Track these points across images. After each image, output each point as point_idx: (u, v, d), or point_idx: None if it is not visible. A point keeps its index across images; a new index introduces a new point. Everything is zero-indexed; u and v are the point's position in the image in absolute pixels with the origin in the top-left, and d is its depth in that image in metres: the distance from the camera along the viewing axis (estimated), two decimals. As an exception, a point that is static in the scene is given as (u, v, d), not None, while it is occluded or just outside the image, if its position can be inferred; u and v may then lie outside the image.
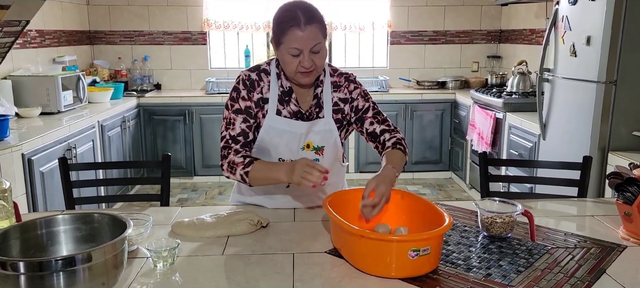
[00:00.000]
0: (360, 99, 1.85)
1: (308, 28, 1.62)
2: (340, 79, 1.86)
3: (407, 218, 1.60)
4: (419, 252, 1.29)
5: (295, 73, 1.69)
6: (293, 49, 1.64)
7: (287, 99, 1.79)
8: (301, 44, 1.63)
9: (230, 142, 1.74)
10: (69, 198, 2.17)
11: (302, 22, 1.61)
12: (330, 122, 1.81)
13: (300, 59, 1.65)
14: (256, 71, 1.80)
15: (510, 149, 4.02)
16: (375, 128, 1.83)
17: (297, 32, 1.61)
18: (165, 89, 5.59)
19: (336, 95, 1.84)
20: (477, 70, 5.77)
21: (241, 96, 1.77)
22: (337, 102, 1.84)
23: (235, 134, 1.74)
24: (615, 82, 2.87)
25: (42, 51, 4.42)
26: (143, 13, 5.46)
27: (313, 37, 1.63)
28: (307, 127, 1.78)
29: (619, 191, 1.57)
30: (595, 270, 1.36)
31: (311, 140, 1.80)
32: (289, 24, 1.62)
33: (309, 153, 1.81)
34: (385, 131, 1.82)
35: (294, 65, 1.66)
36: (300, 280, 1.31)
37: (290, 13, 1.64)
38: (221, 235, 1.59)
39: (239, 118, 1.75)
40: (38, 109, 3.73)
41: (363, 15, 5.52)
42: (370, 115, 1.84)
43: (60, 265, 1.09)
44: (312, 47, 1.64)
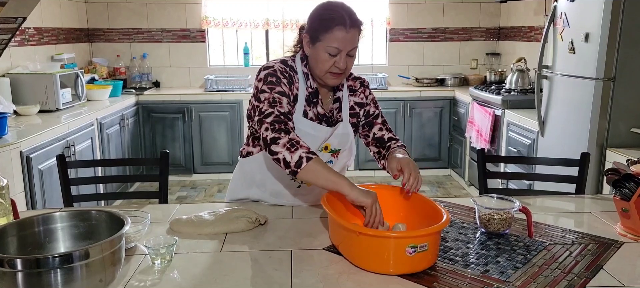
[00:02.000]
0: (372, 105, 1.90)
1: (352, 30, 1.63)
2: (356, 83, 1.88)
3: (405, 215, 1.60)
4: (417, 248, 1.29)
5: (326, 72, 1.67)
6: (333, 47, 1.62)
7: (315, 101, 1.77)
8: (342, 45, 1.62)
9: (283, 118, 1.57)
10: (67, 195, 2.17)
11: (348, 24, 1.62)
12: (347, 126, 1.82)
13: (336, 59, 1.64)
14: (288, 66, 1.72)
15: (508, 146, 4.02)
16: (384, 134, 1.86)
17: (341, 33, 1.61)
18: (164, 86, 5.58)
19: (353, 99, 1.86)
20: (476, 68, 5.76)
21: (282, 82, 1.66)
22: (353, 107, 1.85)
23: (286, 112, 1.59)
24: (613, 79, 2.87)
25: (40, 49, 4.41)
26: (141, 10, 5.45)
27: (353, 40, 1.65)
28: (330, 132, 1.78)
29: (616, 187, 1.58)
30: (592, 266, 1.37)
31: (330, 142, 1.80)
32: (335, 22, 1.61)
33: (325, 155, 1.80)
34: (392, 139, 1.86)
35: (328, 65, 1.65)
36: (299, 276, 1.31)
37: (336, 12, 1.63)
38: (219, 232, 1.60)
39: (284, 99, 1.62)
40: (36, 107, 3.72)
41: (362, 12, 5.46)
42: (379, 122, 1.88)
43: (57, 262, 1.08)
44: (350, 50, 1.65)
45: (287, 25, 5.44)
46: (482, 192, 2.27)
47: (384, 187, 1.69)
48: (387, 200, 1.60)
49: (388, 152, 1.82)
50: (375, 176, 5.31)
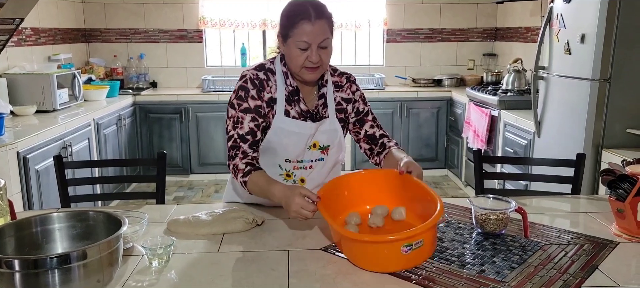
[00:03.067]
0: (361, 102, 1.90)
1: (318, 22, 1.63)
2: (342, 79, 1.88)
3: (403, 198, 1.63)
4: (412, 246, 1.31)
5: (301, 68, 1.68)
6: (302, 42, 1.64)
7: (296, 99, 1.78)
8: (310, 38, 1.63)
9: (239, 141, 1.70)
10: (64, 196, 2.17)
11: (313, 16, 1.63)
12: (335, 122, 1.83)
13: (308, 53, 1.65)
14: (263, 70, 1.78)
15: (505, 147, 4.03)
16: (375, 132, 1.88)
17: (307, 26, 1.62)
18: (161, 87, 5.58)
19: (339, 95, 1.86)
20: (472, 68, 5.78)
21: (250, 95, 1.73)
22: (340, 102, 1.86)
23: (244, 133, 1.71)
24: (609, 80, 2.88)
25: (37, 49, 4.40)
26: (139, 11, 5.44)
27: (322, 32, 1.64)
28: (315, 127, 1.79)
29: (611, 188, 1.59)
30: (588, 266, 1.38)
31: (318, 139, 1.81)
32: (299, 17, 1.63)
33: (315, 152, 1.82)
34: (384, 136, 1.89)
35: (301, 60, 1.66)
36: (296, 277, 1.32)
37: (301, 7, 1.65)
38: (216, 233, 1.60)
39: (247, 116, 1.72)
40: (33, 107, 3.72)
41: (359, 13, 5.52)
42: (370, 119, 1.90)
43: (55, 262, 1.09)
44: (321, 42, 1.65)
45: (284, 25, 5.44)
46: (479, 193, 2.28)
47: (381, 171, 1.74)
48: (383, 183, 1.65)
49: (383, 150, 1.84)
50: (372, 176, 5.31)
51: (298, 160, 1.81)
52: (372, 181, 1.70)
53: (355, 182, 1.68)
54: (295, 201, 1.47)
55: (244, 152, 1.69)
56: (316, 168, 1.83)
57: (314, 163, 1.83)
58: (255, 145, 1.73)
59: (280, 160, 1.80)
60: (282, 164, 1.81)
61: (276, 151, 1.79)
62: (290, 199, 1.48)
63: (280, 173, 1.82)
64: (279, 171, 1.82)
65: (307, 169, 1.83)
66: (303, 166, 1.82)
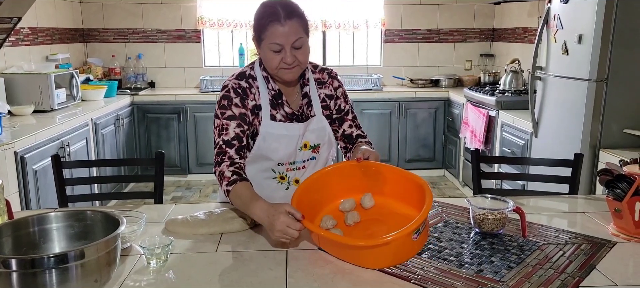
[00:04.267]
0: (342, 100, 1.89)
1: (288, 23, 1.60)
2: (323, 75, 1.87)
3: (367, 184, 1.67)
4: (420, 230, 1.36)
5: (278, 69, 1.66)
6: (274, 44, 1.62)
7: (280, 102, 1.77)
8: (282, 39, 1.61)
9: (225, 147, 1.67)
10: (61, 196, 2.17)
11: (282, 17, 1.60)
12: (322, 119, 1.82)
13: (282, 55, 1.63)
14: (244, 78, 1.76)
15: (502, 147, 4.04)
16: (353, 131, 1.89)
17: (278, 27, 1.60)
18: (159, 87, 5.57)
19: (322, 92, 1.85)
20: (470, 69, 5.79)
21: (234, 103, 1.71)
22: (324, 99, 1.85)
23: (230, 138, 1.68)
24: (606, 80, 2.89)
25: (35, 49, 4.40)
26: (137, 11, 5.44)
27: (294, 32, 1.61)
28: (303, 128, 1.78)
29: (609, 188, 1.59)
30: (585, 266, 1.38)
31: (308, 139, 1.80)
32: (269, 19, 1.61)
33: (306, 152, 1.81)
34: (360, 136, 1.89)
35: (276, 62, 1.64)
36: (294, 276, 1.32)
37: (270, 8, 1.62)
38: (214, 233, 1.60)
39: (232, 123, 1.69)
40: (31, 107, 3.71)
41: (357, 13, 5.52)
42: (350, 118, 1.90)
43: (52, 262, 1.08)
44: (294, 42, 1.62)
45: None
46: (476, 193, 2.28)
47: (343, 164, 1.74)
48: (347, 175, 1.68)
49: (353, 146, 1.87)
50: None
51: (290, 162, 1.80)
52: (335, 176, 1.70)
53: (322, 182, 1.66)
54: (281, 219, 1.39)
55: (230, 157, 1.66)
56: (309, 167, 1.84)
57: (306, 163, 1.83)
58: (242, 151, 1.70)
59: (273, 165, 1.80)
60: (275, 168, 1.81)
61: (267, 156, 1.77)
62: (275, 218, 1.40)
63: (274, 177, 1.82)
64: (272, 175, 1.82)
65: (300, 170, 1.83)
66: (296, 167, 1.82)
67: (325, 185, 1.67)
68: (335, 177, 1.69)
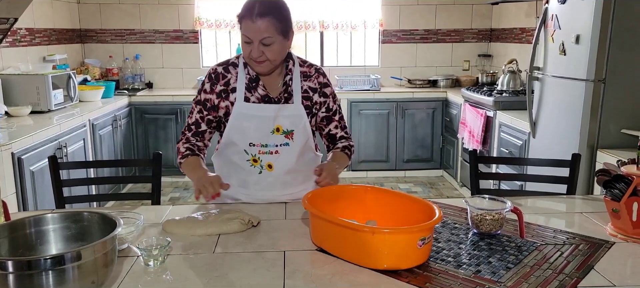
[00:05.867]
0: (331, 100, 1.97)
1: (259, 21, 1.71)
2: (310, 70, 1.95)
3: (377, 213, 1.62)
4: (425, 240, 1.34)
5: (249, 60, 1.80)
6: (245, 36, 1.75)
7: (254, 85, 1.86)
8: (251, 34, 1.73)
9: (185, 129, 1.92)
10: (59, 197, 2.16)
11: (255, 14, 1.71)
12: (299, 108, 1.88)
13: (251, 47, 1.75)
14: (224, 65, 1.91)
15: (500, 147, 4.04)
16: (337, 133, 1.99)
17: (249, 23, 1.72)
18: (156, 87, 5.57)
19: (306, 84, 1.92)
20: (468, 69, 5.79)
21: (204, 88, 1.89)
22: (307, 90, 1.91)
23: (191, 122, 1.91)
24: (604, 80, 2.89)
25: (32, 49, 4.39)
26: (134, 11, 5.43)
27: (263, 30, 1.72)
28: (276, 110, 1.85)
29: (607, 188, 1.59)
30: (583, 266, 1.38)
31: (281, 123, 1.86)
32: (244, 13, 1.74)
33: (278, 137, 1.86)
34: (343, 138, 2.00)
35: (246, 52, 1.78)
36: (292, 277, 1.32)
37: (250, 3, 1.75)
38: (212, 234, 1.60)
39: (196, 108, 1.91)
40: (28, 108, 3.70)
41: (355, 14, 5.53)
42: (337, 119, 1.99)
43: (49, 264, 1.08)
44: (262, 39, 1.73)
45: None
46: (474, 193, 2.28)
47: (351, 186, 1.71)
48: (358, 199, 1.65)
49: (332, 150, 1.97)
50: (368, 176, 5.32)
51: (262, 144, 1.86)
52: (344, 197, 1.67)
53: (330, 196, 1.64)
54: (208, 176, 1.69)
55: (187, 138, 1.91)
56: (283, 153, 1.88)
57: (279, 148, 1.87)
58: (199, 136, 1.92)
59: (245, 146, 1.87)
60: (248, 149, 1.87)
61: (239, 136, 1.86)
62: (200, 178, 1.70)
63: (247, 159, 1.89)
64: (245, 157, 1.89)
65: (273, 154, 1.87)
66: (268, 151, 1.87)
67: (330, 201, 1.63)
68: (342, 198, 1.66)
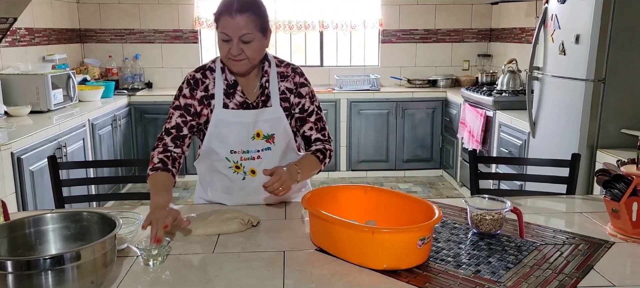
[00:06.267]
0: (307, 100, 1.89)
1: (238, 16, 1.66)
2: (287, 70, 1.88)
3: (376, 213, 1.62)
4: (425, 240, 1.33)
5: (227, 59, 1.73)
6: (223, 34, 1.69)
7: (232, 91, 1.82)
8: (230, 31, 1.67)
9: (163, 134, 1.83)
10: (58, 197, 2.16)
11: (234, 10, 1.66)
12: (278, 110, 1.83)
13: (230, 45, 1.69)
14: (201, 70, 1.86)
15: (500, 147, 4.04)
16: (312, 134, 1.91)
17: (228, 19, 1.67)
18: (156, 87, 5.56)
19: (283, 85, 1.86)
20: (467, 69, 5.79)
21: (182, 94, 1.83)
22: (284, 91, 1.86)
23: (170, 127, 1.82)
24: (603, 80, 2.89)
25: (31, 49, 4.38)
26: (134, 11, 5.43)
27: (243, 26, 1.67)
28: (255, 115, 1.81)
29: (606, 188, 1.59)
30: (583, 266, 1.38)
31: (260, 128, 1.82)
32: (222, 9, 1.69)
33: (259, 142, 1.82)
34: (319, 140, 1.91)
35: (225, 51, 1.71)
36: (291, 277, 1.32)
37: (227, 0, 1.69)
38: (212, 234, 1.59)
39: (176, 113, 1.83)
40: (27, 108, 3.70)
41: (354, 13, 5.52)
42: (312, 120, 1.90)
43: (48, 263, 1.08)
44: (241, 35, 1.67)
45: (279, 26, 5.44)
46: (474, 193, 2.28)
47: (350, 187, 1.71)
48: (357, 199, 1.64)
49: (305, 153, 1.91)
50: (367, 176, 5.32)
51: (244, 151, 1.83)
52: (342, 197, 1.67)
53: (328, 196, 1.64)
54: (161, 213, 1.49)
55: (165, 144, 1.81)
56: (265, 158, 1.84)
57: (261, 153, 1.84)
58: (179, 140, 1.82)
59: (226, 153, 1.83)
60: (229, 156, 1.84)
61: (219, 144, 1.82)
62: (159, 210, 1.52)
63: (229, 166, 1.85)
64: (227, 164, 1.85)
65: (255, 160, 1.84)
66: (250, 157, 1.84)
67: (330, 201, 1.62)
68: (341, 198, 1.66)
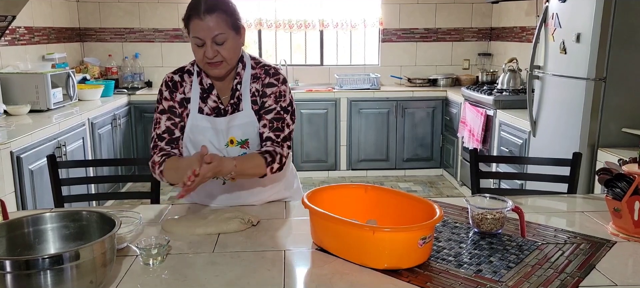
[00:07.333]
0: (271, 98, 1.78)
1: (208, 17, 1.61)
2: (260, 71, 1.81)
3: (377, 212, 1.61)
4: (426, 239, 1.33)
5: (203, 64, 1.69)
6: (195, 38, 1.64)
7: (206, 96, 1.78)
8: (202, 34, 1.62)
9: (157, 140, 1.76)
10: (57, 196, 2.15)
11: (202, 11, 1.61)
12: (250, 114, 1.78)
13: (204, 49, 1.64)
14: (179, 73, 1.82)
15: (500, 146, 4.03)
16: (264, 132, 1.77)
17: (198, 21, 1.62)
18: (156, 86, 5.55)
19: (254, 86, 1.80)
20: (468, 68, 5.78)
21: (164, 97, 1.79)
22: (254, 93, 1.80)
23: (161, 132, 1.77)
24: (604, 79, 2.89)
25: (31, 48, 4.38)
26: (133, 10, 5.42)
27: (214, 27, 1.61)
28: (226, 122, 1.77)
29: (608, 187, 1.58)
30: (585, 266, 1.37)
31: (233, 135, 1.77)
32: (190, 12, 1.63)
33: (234, 149, 1.77)
34: (269, 139, 1.77)
35: (200, 56, 1.67)
36: (291, 277, 1.31)
37: (194, 2, 1.64)
38: (212, 233, 1.59)
39: (163, 117, 1.77)
40: (27, 107, 3.69)
41: (355, 12, 5.52)
42: (268, 118, 1.77)
43: (47, 263, 1.07)
44: (214, 37, 1.62)
45: (279, 25, 5.43)
46: (475, 192, 2.27)
47: (349, 186, 1.70)
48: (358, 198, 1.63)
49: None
50: (367, 175, 5.32)
51: None
52: (341, 196, 1.65)
53: (326, 197, 1.62)
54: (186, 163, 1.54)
55: (162, 149, 1.75)
56: None
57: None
58: (174, 143, 1.77)
59: None
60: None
61: (195, 150, 1.76)
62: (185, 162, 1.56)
63: None
64: None
65: None
66: None
67: (330, 200, 1.61)
68: (342, 197, 1.65)
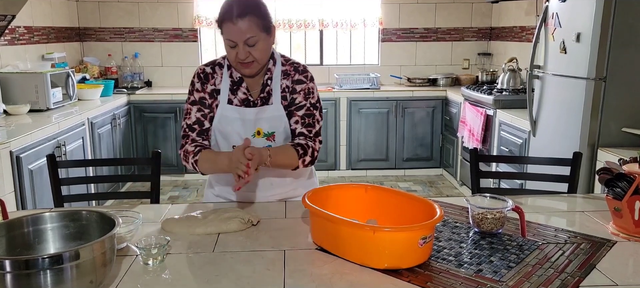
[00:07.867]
0: (301, 95, 1.86)
1: (240, 21, 1.68)
2: (290, 68, 1.89)
3: (378, 212, 1.61)
4: (426, 239, 1.33)
5: (235, 63, 1.77)
6: (228, 40, 1.72)
7: (236, 88, 1.85)
8: (234, 37, 1.70)
9: (188, 130, 1.85)
10: (57, 196, 2.15)
11: (234, 15, 1.68)
12: (279, 109, 1.85)
13: (237, 50, 1.71)
14: (211, 65, 1.90)
15: (500, 146, 4.03)
16: (297, 127, 1.85)
17: (230, 25, 1.69)
18: (155, 86, 5.55)
19: (285, 82, 1.87)
20: (467, 68, 5.78)
21: (195, 88, 1.86)
22: (284, 89, 1.87)
23: (191, 123, 1.85)
24: (604, 79, 2.88)
25: (30, 48, 4.37)
26: (133, 10, 5.42)
27: (246, 30, 1.69)
28: (255, 113, 1.83)
29: (608, 187, 1.58)
30: (585, 266, 1.37)
31: (261, 126, 1.84)
32: (223, 16, 1.71)
33: (260, 140, 1.84)
34: (302, 135, 1.84)
35: (232, 56, 1.75)
36: (292, 276, 1.31)
37: (227, 6, 1.71)
38: (212, 233, 1.59)
39: (193, 108, 1.85)
40: (26, 106, 3.69)
41: (354, 12, 5.51)
42: (300, 114, 1.85)
43: (47, 263, 1.07)
44: (246, 39, 1.70)
45: (279, 25, 5.43)
46: (475, 192, 2.27)
47: (348, 186, 1.70)
48: (358, 198, 1.64)
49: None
50: (367, 175, 5.31)
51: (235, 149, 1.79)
52: (340, 196, 1.66)
53: (325, 196, 1.62)
54: (235, 154, 1.60)
55: (193, 139, 1.84)
56: None
57: None
58: (204, 134, 1.85)
59: (228, 149, 1.84)
60: None
61: (222, 140, 1.85)
62: (232, 156, 1.62)
63: None
64: None
65: None
66: None
67: (330, 200, 1.61)
68: (342, 197, 1.65)
